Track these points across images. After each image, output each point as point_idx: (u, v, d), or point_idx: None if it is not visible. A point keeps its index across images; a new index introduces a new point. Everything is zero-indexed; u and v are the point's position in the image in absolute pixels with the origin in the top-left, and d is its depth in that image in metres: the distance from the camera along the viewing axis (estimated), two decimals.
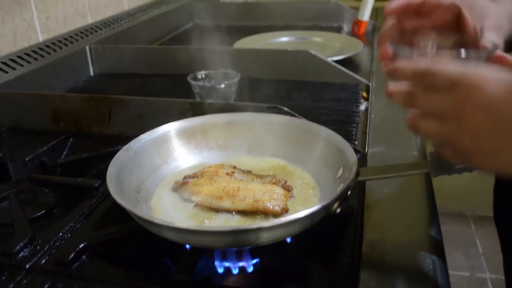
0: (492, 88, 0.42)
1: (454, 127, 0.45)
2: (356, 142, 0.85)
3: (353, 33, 1.65)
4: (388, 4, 0.60)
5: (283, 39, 1.59)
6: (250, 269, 0.55)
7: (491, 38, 0.57)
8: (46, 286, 0.52)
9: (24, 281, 0.54)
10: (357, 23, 1.64)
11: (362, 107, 1.01)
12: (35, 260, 0.57)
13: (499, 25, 0.59)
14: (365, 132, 0.86)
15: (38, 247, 0.59)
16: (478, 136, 0.43)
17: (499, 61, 0.55)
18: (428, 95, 0.46)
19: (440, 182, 0.56)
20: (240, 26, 1.83)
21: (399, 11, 0.60)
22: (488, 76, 0.43)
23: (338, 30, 1.74)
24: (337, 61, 1.19)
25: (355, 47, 1.36)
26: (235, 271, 0.55)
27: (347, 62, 1.26)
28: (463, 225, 2.41)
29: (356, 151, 0.65)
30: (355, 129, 0.90)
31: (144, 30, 1.59)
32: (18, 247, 0.58)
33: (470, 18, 0.58)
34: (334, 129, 0.69)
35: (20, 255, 0.58)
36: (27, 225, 0.62)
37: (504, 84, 0.42)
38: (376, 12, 1.78)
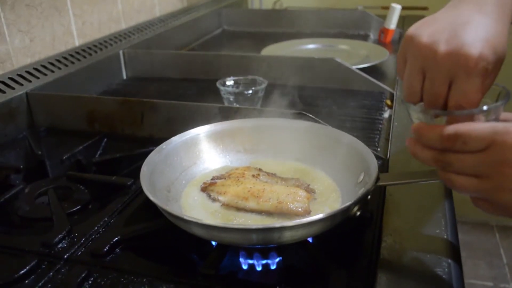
0: None
1: (491, 185, 0.45)
2: (379, 149, 0.87)
3: (380, 41, 1.66)
4: None
5: (310, 46, 1.61)
6: (273, 267, 0.58)
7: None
8: (83, 275, 0.55)
9: (63, 270, 0.58)
10: (383, 31, 1.66)
11: (386, 114, 1.02)
12: (72, 251, 0.61)
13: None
14: (388, 139, 0.88)
15: (75, 239, 0.63)
16: None
17: None
18: (461, 157, 0.46)
19: None
20: (267, 32, 1.87)
21: None
22: None
23: (365, 38, 1.75)
24: (362, 69, 1.21)
25: (381, 55, 1.38)
26: (259, 268, 0.57)
27: (373, 70, 1.28)
28: (488, 234, 2.39)
29: (378, 157, 0.68)
30: (378, 136, 0.92)
31: (175, 35, 1.64)
32: (57, 239, 0.62)
33: None
34: (357, 136, 0.71)
35: (59, 246, 0.62)
36: (65, 218, 0.66)
37: None
38: (403, 21, 1.79)
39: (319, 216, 0.52)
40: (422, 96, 0.52)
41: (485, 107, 0.49)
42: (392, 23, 1.63)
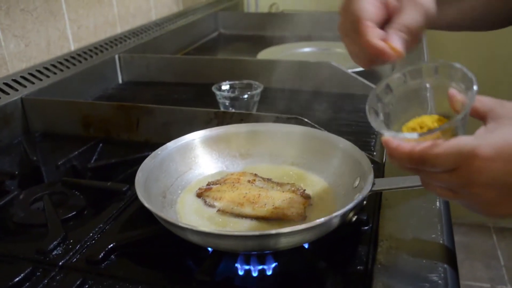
0: (492, 166, 0.43)
1: (468, 199, 0.47)
2: (375, 153, 0.87)
3: None
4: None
5: (306, 50, 1.61)
6: (269, 273, 0.57)
7: (410, 15, 0.56)
8: (78, 283, 0.55)
9: (57, 277, 0.57)
10: None
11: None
12: (67, 258, 0.61)
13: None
14: None
15: (70, 246, 0.63)
16: (493, 205, 0.46)
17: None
18: (433, 174, 0.47)
19: None
20: (264, 35, 1.86)
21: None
22: (483, 150, 0.43)
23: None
24: (358, 73, 1.21)
25: None
26: (255, 274, 0.57)
27: (369, 74, 1.28)
28: (485, 236, 2.39)
29: (374, 162, 0.68)
30: (374, 141, 0.92)
31: (171, 39, 1.64)
32: (51, 246, 0.62)
33: None
34: (353, 140, 0.71)
35: (54, 253, 0.62)
36: (59, 225, 0.66)
37: (499, 153, 0.43)
38: None
39: (315, 222, 0.52)
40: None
41: (446, 125, 0.48)
42: None
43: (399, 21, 0.56)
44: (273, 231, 0.52)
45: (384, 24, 0.58)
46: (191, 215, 0.65)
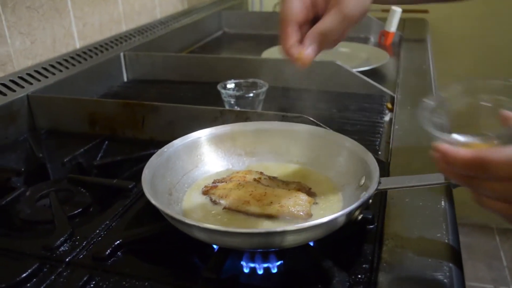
0: None
1: None
2: (380, 152, 0.87)
3: (380, 44, 1.67)
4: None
5: None
6: (275, 270, 0.58)
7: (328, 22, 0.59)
8: (85, 279, 0.55)
9: (64, 274, 0.58)
10: (383, 34, 1.66)
11: (387, 118, 1.03)
12: (74, 254, 0.61)
13: None
14: (389, 143, 0.88)
15: (77, 243, 0.63)
16: None
17: None
18: (488, 184, 0.45)
19: (466, 194, 0.58)
20: (268, 35, 1.87)
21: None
22: None
23: (365, 40, 1.76)
24: (362, 72, 1.21)
25: (381, 58, 1.38)
26: (260, 272, 0.58)
27: (373, 73, 1.28)
28: (488, 237, 2.39)
29: (379, 161, 0.68)
30: (379, 140, 0.92)
31: (175, 37, 1.64)
32: (58, 242, 0.62)
33: None
34: (358, 139, 0.71)
35: (60, 249, 0.62)
36: (66, 222, 0.66)
37: None
38: (403, 23, 1.79)
39: (321, 220, 0.52)
40: None
41: (505, 132, 0.48)
42: (393, 26, 1.63)
43: (316, 28, 0.59)
44: (279, 229, 0.52)
45: (314, 21, 0.61)
46: (197, 213, 0.65)
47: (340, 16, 0.58)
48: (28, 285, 0.56)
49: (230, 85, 1.05)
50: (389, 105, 1.08)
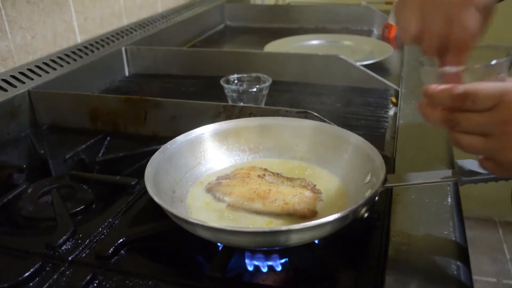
0: None
1: (498, 144, 0.46)
2: (385, 148, 0.86)
3: (383, 37, 1.65)
4: None
5: (314, 42, 1.60)
6: (279, 268, 0.57)
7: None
8: (88, 278, 0.55)
9: (67, 272, 0.57)
10: (387, 27, 1.65)
11: (391, 112, 1.02)
12: (77, 253, 0.60)
13: None
14: (394, 138, 0.87)
15: (80, 241, 0.62)
16: None
17: None
18: (469, 116, 0.47)
19: (469, 187, 0.57)
20: (270, 28, 1.86)
21: None
22: None
23: (369, 33, 1.74)
24: (366, 66, 1.20)
25: (385, 51, 1.37)
26: (265, 270, 0.57)
27: (377, 67, 1.27)
28: (491, 230, 2.38)
29: (384, 156, 0.67)
30: (384, 135, 0.91)
31: (177, 31, 1.63)
32: (61, 240, 0.61)
33: None
34: (362, 134, 0.71)
35: (63, 248, 0.61)
36: (69, 219, 0.66)
37: None
38: None
39: (327, 218, 0.52)
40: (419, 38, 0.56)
41: (493, 62, 0.50)
42: None
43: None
44: (284, 228, 0.52)
45: None
46: (201, 210, 0.65)
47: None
48: (31, 284, 0.55)
49: (233, 79, 1.04)
50: (394, 99, 1.07)
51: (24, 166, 0.84)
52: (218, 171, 0.73)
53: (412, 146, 0.82)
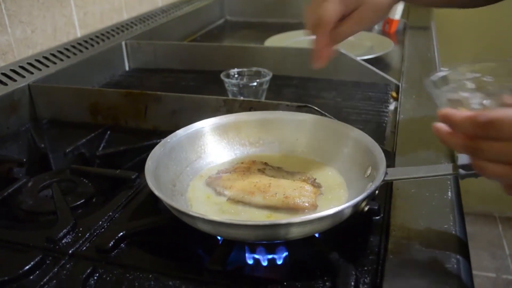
0: None
1: None
2: (385, 142, 0.86)
3: (384, 32, 1.65)
4: None
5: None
6: (280, 262, 0.57)
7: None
8: (88, 271, 0.55)
9: (68, 266, 0.57)
10: (388, 21, 1.64)
11: (391, 107, 1.02)
12: (77, 246, 0.60)
13: None
14: (394, 132, 0.87)
15: (80, 234, 0.62)
16: None
17: None
18: (493, 145, 0.45)
19: (469, 183, 0.57)
20: (271, 23, 1.85)
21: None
22: None
23: (369, 28, 1.74)
24: (367, 60, 1.20)
25: (386, 46, 1.37)
26: (265, 263, 0.57)
27: (377, 61, 1.27)
28: (491, 225, 2.39)
29: (385, 151, 0.67)
30: (384, 129, 0.91)
31: (177, 26, 1.62)
32: (61, 234, 0.61)
33: None
34: (362, 129, 0.71)
35: (63, 241, 0.61)
36: (69, 213, 0.66)
37: None
38: (408, 11, 1.77)
39: (327, 212, 0.52)
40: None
41: None
42: (397, 13, 1.61)
43: (337, 31, 0.69)
44: (284, 221, 0.52)
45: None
46: (201, 204, 0.65)
47: (359, 25, 0.69)
48: (31, 277, 0.55)
49: (233, 74, 1.04)
50: (394, 94, 1.07)
51: (24, 160, 0.84)
52: (218, 165, 0.73)
53: (413, 140, 0.82)
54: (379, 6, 0.68)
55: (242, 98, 0.97)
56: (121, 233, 0.60)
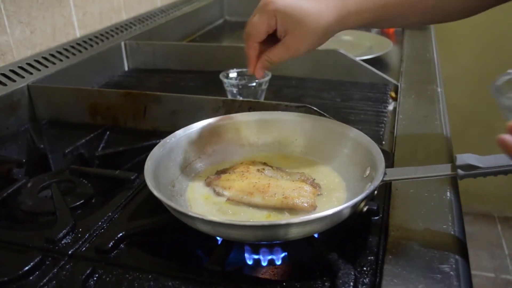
0: None
1: None
2: (384, 142, 0.86)
3: (383, 32, 1.65)
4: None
5: None
6: (279, 262, 0.57)
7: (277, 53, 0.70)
8: (88, 272, 0.55)
9: (67, 266, 0.57)
10: None
11: (390, 107, 1.02)
12: (76, 247, 0.60)
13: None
14: (393, 133, 0.87)
15: (79, 235, 0.63)
16: None
17: None
18: None
19: (468, 183, 0.57)
20: None
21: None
22: None
23: (368, 28, 1.74)
24: (366, 60, 1.20)
25: (385, 46, 1.37)
26: (264, 264, 0.57)
27: (376, 61, 1.27)
28: (490, 225, 2.39)
29: (384, 151, 0.67)
30: (383, 129, 0.91)
31: (176, 26, 1.62)
32: (61, 234, 0.61)
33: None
34: (361, 129, 0.71)
35: (63, 242, 0.61)
36: (68, 213, 0.66)
37: None
38: None
39: (326, 212, 0.52)
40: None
41: None
42: None
43: (266, 57, 0.71)
44: (283, 221, 0.52)
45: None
46: (200, 204, 0.65)
47: (287, 53, 0.70)
48: (31, 278, 0.55)
49: (233, 74, 1.04)
50: (393, 94, 1.07)
51: (24, 160, 0.84)
52: (217, 166, 0.73)
53: (411, 140, 0.82)
54: (307, 36, 0.68)
55: (241, 98, 0.97)
56: (121, 234, 0.61)
